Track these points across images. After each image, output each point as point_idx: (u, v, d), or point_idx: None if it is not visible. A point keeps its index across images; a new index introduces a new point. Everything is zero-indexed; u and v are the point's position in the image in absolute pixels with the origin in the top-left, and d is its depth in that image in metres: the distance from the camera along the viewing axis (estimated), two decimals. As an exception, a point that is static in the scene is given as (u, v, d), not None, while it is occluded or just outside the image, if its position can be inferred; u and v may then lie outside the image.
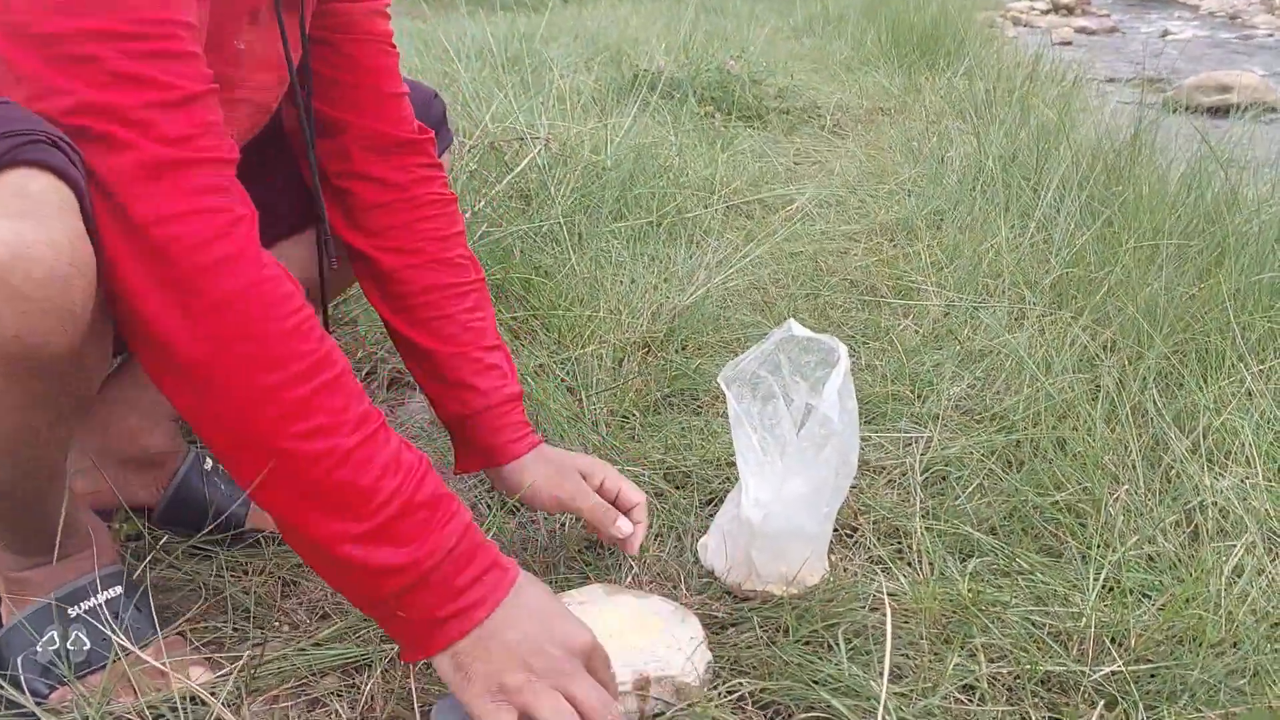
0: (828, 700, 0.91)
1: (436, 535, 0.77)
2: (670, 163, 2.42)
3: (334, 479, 0.73)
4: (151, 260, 0.70)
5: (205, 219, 0.72)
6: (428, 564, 0.76)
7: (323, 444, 0.73)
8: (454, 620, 0.77)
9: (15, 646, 0.88)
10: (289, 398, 0.72)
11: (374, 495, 0.74)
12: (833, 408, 0.95)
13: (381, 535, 0.75)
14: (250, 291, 0.72)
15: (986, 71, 3.95)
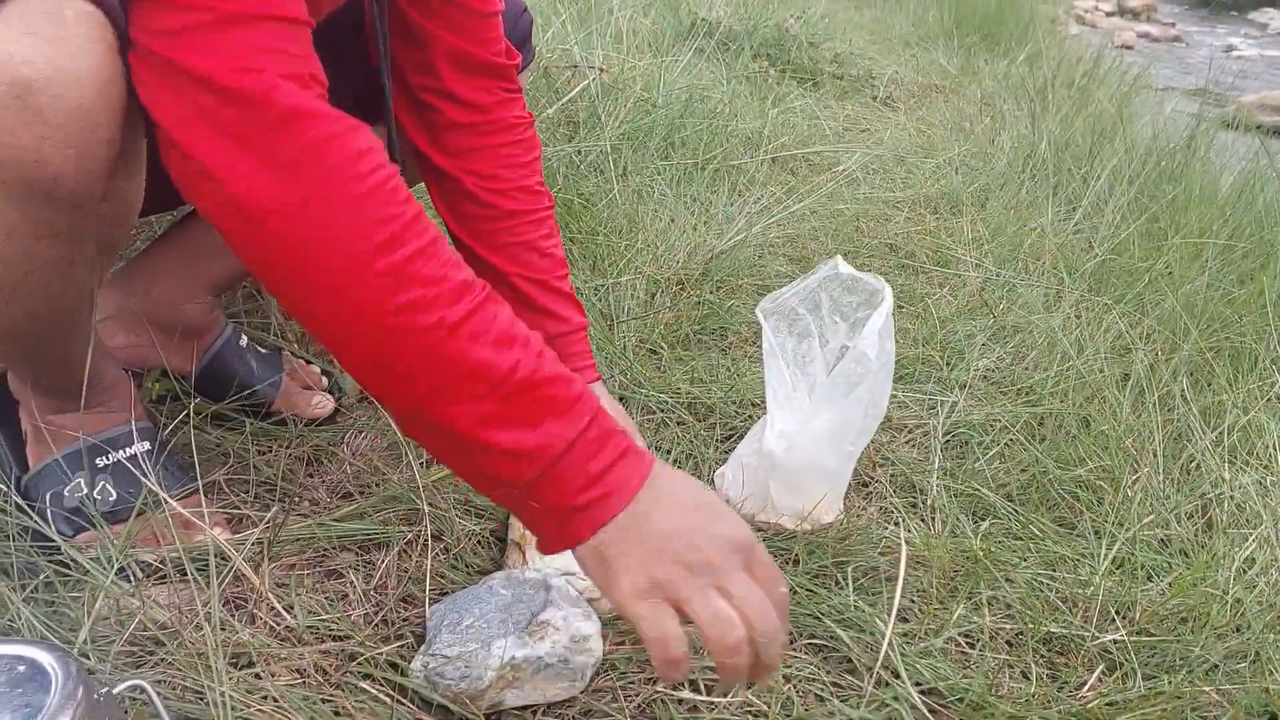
0: (832, 630, 0.92)
1: (566, 413, 0.68)
2: (720, 109, 2.40)
3: (445, 354, 0.66)
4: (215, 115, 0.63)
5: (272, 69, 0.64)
6: (560, 445, 0.68)
7: (426, 317, 0.65)
8: (593, 507, 0.68)
9: (43, 488, 0.90)
10: (381, 266, 0.64)
11: (492, 370, 0.67)
12: (872, 346, 0.95)
13: (507, 414, 0.67)
14: (326, 145, 0.64)
15: (1046, 61, 3.89)
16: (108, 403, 0.93)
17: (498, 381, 0.67)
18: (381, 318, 0.65)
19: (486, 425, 0.67)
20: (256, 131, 0.63)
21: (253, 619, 0.85)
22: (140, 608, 0.79)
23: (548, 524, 0.70)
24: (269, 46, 0.64)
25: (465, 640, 0.80)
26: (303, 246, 0.64)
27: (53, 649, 0.61)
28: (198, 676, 0.75)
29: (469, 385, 0.66)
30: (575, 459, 0.68)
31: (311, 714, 0.74)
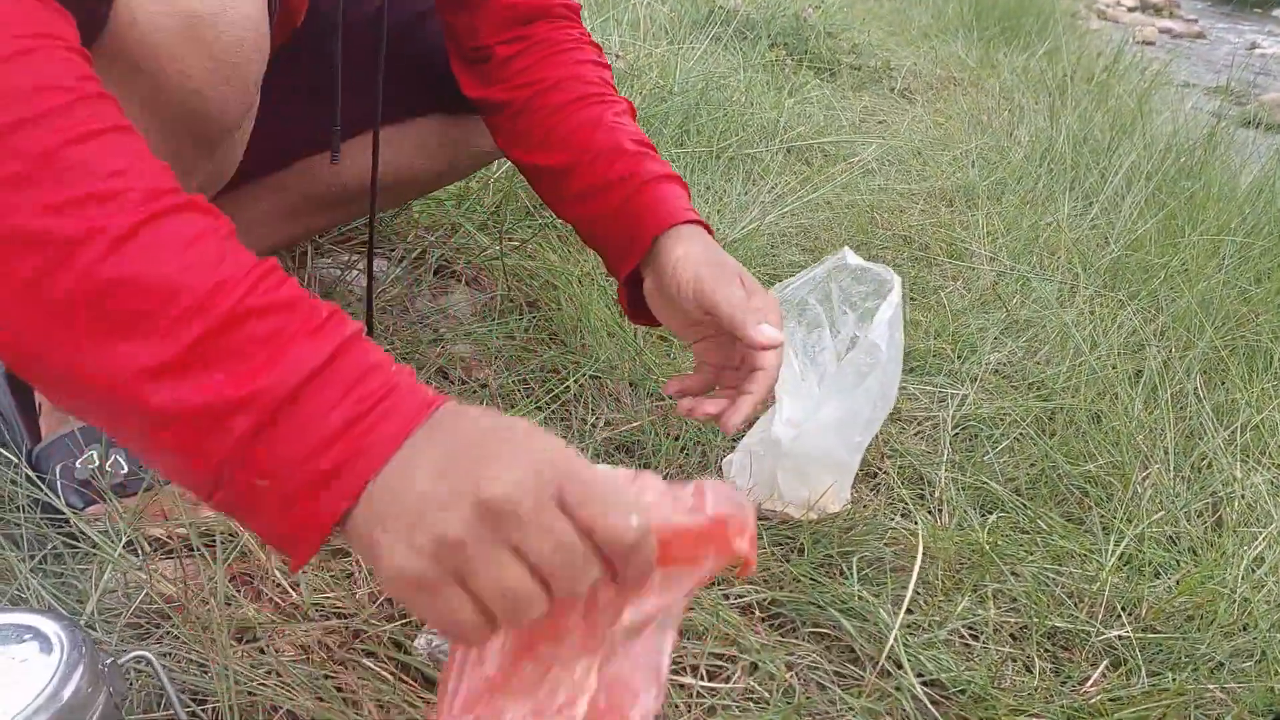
0: (836, 619, 0.92)
1: (295, 348, 0.48)
2: (736, 98, 2.39)
3: (106, 274, 0.46)
4: None
5: None
6: (282, 389, 0.47)
7: (81, 221, 0.46)
8: (343, 471, 0.48)
9: (55, 458, 0.91)
10: (24, 148, 0.46)
11: (177, 296, 0.47)
12: (882, 337, 0.95)
13: (198, 359, 0.47)
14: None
15: (1066, 56, 3.86)
16: None
17: (187, 311, 0.47)
18: (14, 217, 0.46)
19: (170, 378, 0.47)
20: None
21: (258, 595, 0.85)
22: (147, 581, 0.80)
23: (278, 516, 0.49)
24: None
25: (469, 620, 0.80)
26: None
27: (59, 618, 0.62)
28: (203, 650, 0.75)
29: (141, 322, 0.47)
30: (310, 405, 0.48)
31: (315, 690, 0.75)
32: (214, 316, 0.47)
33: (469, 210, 1.55)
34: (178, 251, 0.47)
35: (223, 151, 0.76)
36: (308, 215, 1.17)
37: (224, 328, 0.47)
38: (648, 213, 0.90)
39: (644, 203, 0.91)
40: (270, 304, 0.49)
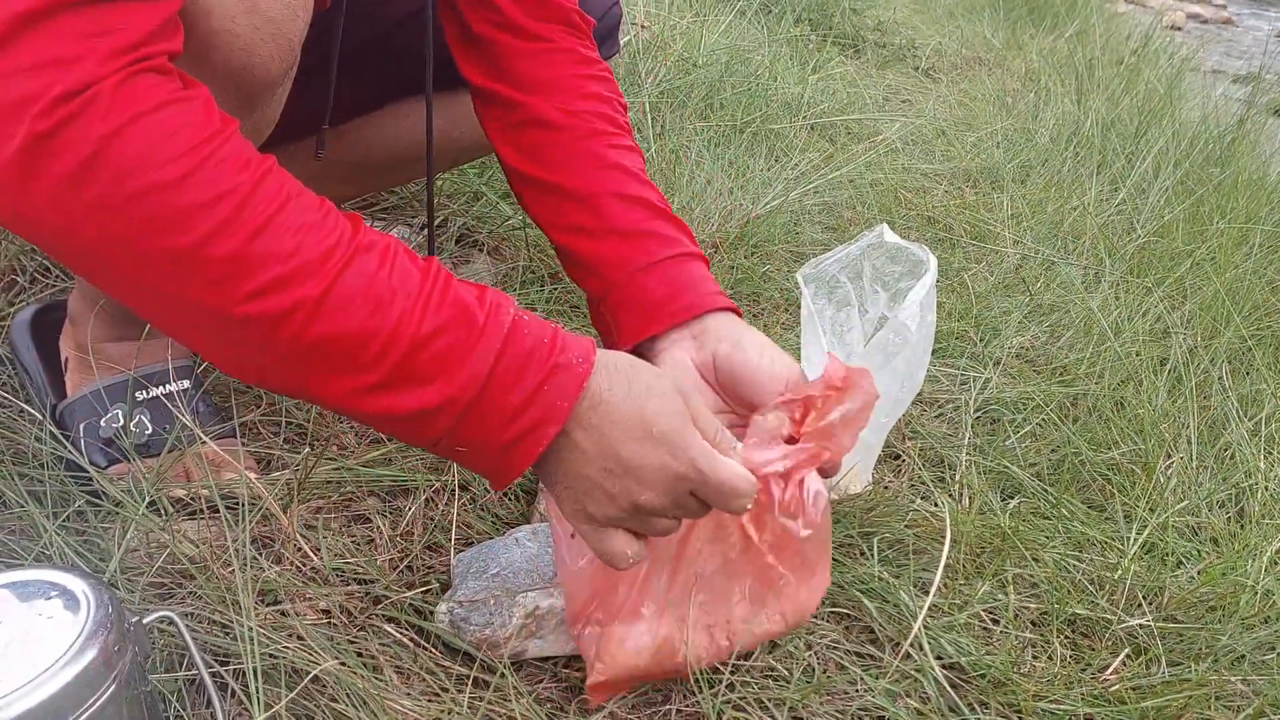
0: (857, 599, 0.91)
1: (469, 359, 0.62)
2: (760, 73, 2.37)
3: (312, 336, 0.59)
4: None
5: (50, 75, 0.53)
6: (469, 393, 0.62)
7: (281, 300, 0.57)
8: (524, 439, 0.64)
9: (79, 415, 0.91)
10: (217, 256, 0.56)
11: (371, 339, 0.60)
12: (913, 317, 0.94)
13: (399, 379, 0.61)
14: (121, 136, 0.53)
15: (1095, 39, 3.81)
16: (160, 338, 0.93)
17: (382, 348, 0.60)
18: (229, 309, 0.57)
19: (377, 393, 0.61)
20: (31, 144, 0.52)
21: (279, 559, 0.85)
22: (170, 541, 0.80)
23: (482, 465, 0.66)
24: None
25: (491, 587, 0.80)
26: (125, 254, 0.56)
27: (86, 576, 0.61)
28: (225, 611, 0.75)
29: (348, 362, 0.60)
30: (492, 396, 0.62)
31: (336, 653, 0.75)
32: (401, 348, 0.60)
33: (491, 179, 1.54)
34: (361, 302, 0.59)
35: (262, 110, 0.75)
36: (351, 179, 1.17)
37: (411, 353, 0.61)
38: (694, 284, 0.85)
39: (691, 272, 0.86)
40: (441, 324, 0.61)
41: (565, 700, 0.80)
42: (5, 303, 1.08)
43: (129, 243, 0.56)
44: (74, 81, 0.52)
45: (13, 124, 0.52)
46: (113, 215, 0.55)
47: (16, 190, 0.53)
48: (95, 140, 0.53)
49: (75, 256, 0.58)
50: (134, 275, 0.57)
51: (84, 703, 0.57)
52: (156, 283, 0.57)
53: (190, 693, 0.72)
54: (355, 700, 0.72)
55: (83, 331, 0.91)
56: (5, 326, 1.01)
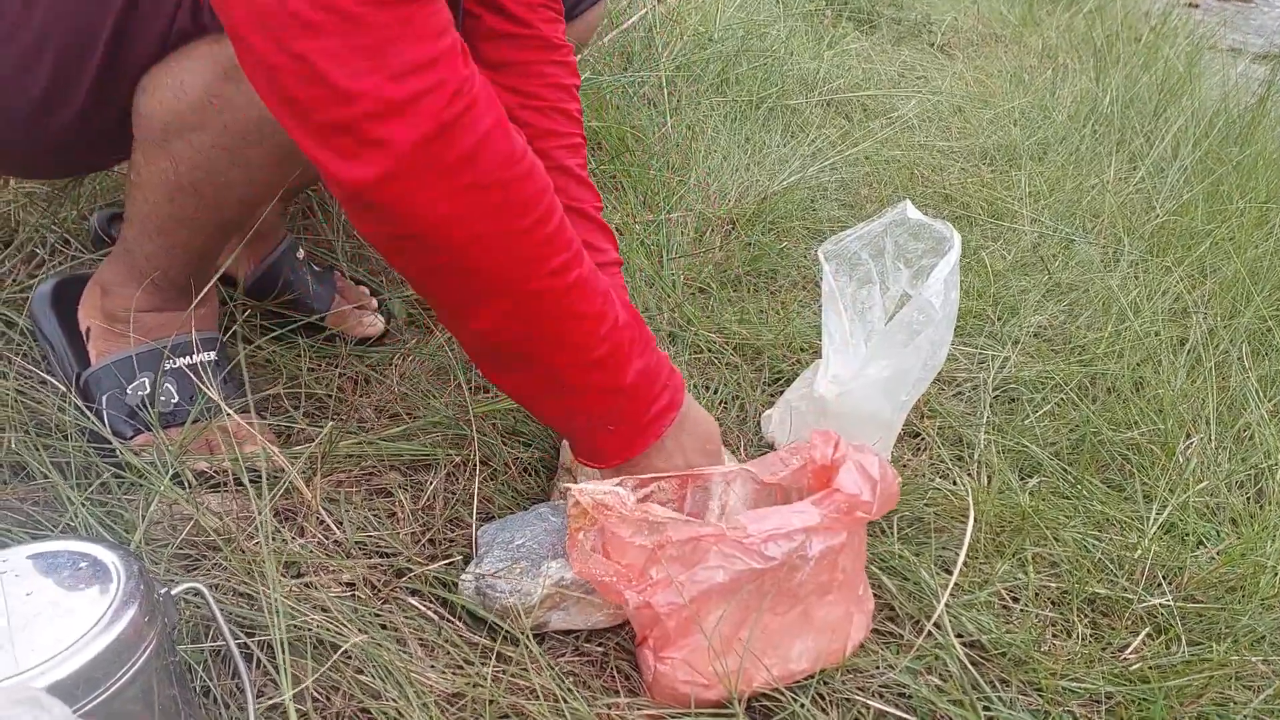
0: (877, 577, 0.91)
1: (639, 352, 0.80)
2: (776, 48, 2.35)
3: (579, 308, 0.74)
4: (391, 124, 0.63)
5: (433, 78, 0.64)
6: (635, 379, 0.80)
7: (569, 277, 0.73)
8: (658, 419, 0.83)
9: (103, 385, 0.90)
10: (539, 238, 0.70)
11: (602, 319, 0.76)
12: (937, 294, 0.93)
13: (608, 357, 0.77)
14: (489, 139, 0.66)
15: (1115, 14, 3.77)
16: (183, 308, 0.93)
17: (607, 330, 0.76)
18: (534, 282, 0.71)
19: (594, 368, 0.77)
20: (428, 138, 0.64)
21: (302, 531, 0.86)
22: (196, 514, 0.80)
23: (618, 439, 0.83)
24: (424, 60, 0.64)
25: (516, 558, 0.80)
26: (473, 230, 0.68)
27: (115, 548, 0.62)
28: (250, 583, 0.76)
29: (587, 333, 0.75)
30: (647, 384, 0.81)
31: (361, 625, 0.75)
32: (615, 334, 0.77)
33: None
34: (596, 290, 0.76)
35: None
36: None
37: (618, 334, 0.78)
38: None
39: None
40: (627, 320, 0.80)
41: (587, 675, 0.80)
42: (26, 275, 1.08)
43: (486, 222, 0.68)
44: (455, 83, 0.64)
45: (418, 115, 0.62)
46: (479, 199, 0.67)
47: (414, 175, 0.64)
48: (481, 133, 0.65)
49: (432, 233, 0.67)
50: (474, 253, 0.69)
51: (115, 673, 0.57)
52: (485, 260, 0.69)
53: (216, 663, 0.72)
54: (380, 672, 0.72)
55: (115, 300, 0.91)
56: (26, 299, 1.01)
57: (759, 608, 0.75)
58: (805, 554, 0.74)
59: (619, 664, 0.81)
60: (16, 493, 0.82)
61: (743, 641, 0.75)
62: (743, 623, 0.75)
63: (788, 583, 0.75)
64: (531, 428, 1.02)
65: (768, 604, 0.75)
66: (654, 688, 0.77)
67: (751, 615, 0.75)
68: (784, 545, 0.73)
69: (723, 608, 0.74)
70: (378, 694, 0.71)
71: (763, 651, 0.76)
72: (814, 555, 0.74)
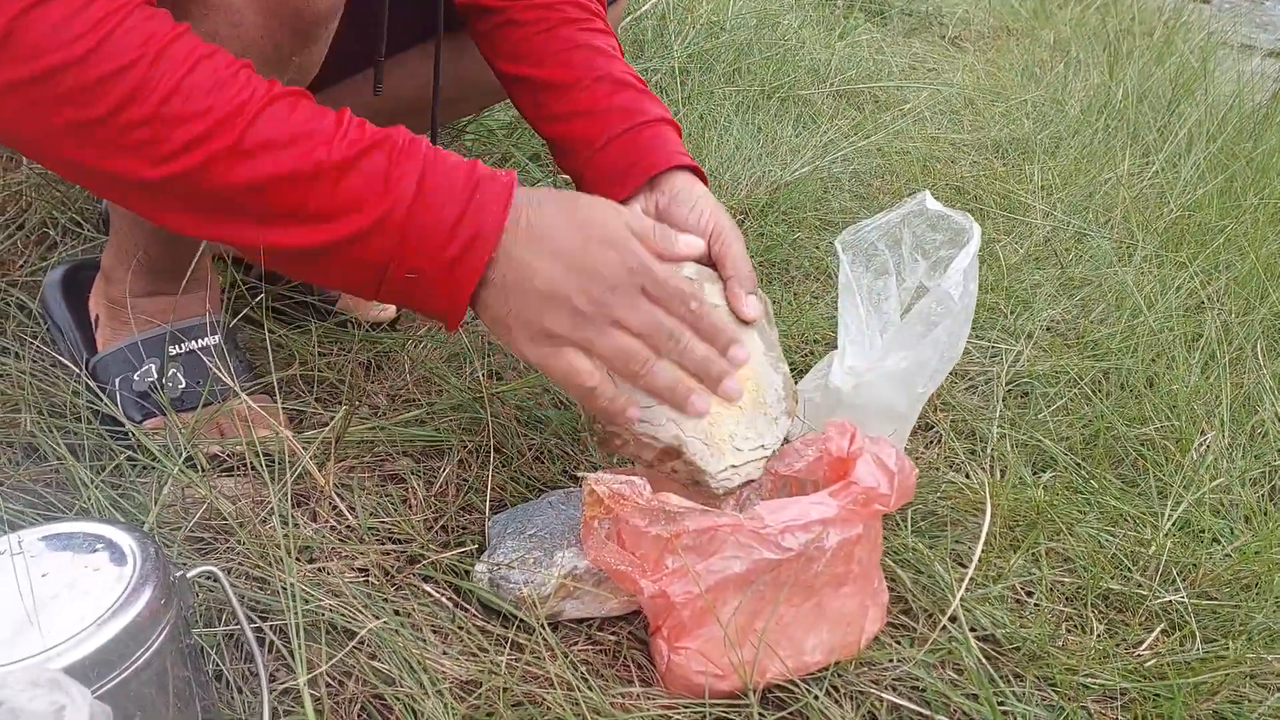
0: (893, 570, 0.91)
1: (396, 176, 0.64)
2: (788, 38, 2.34)
3: (236, 181, 0.61)
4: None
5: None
6: (400, 209, 0.64)
7: (195, 155, 0.60)
8: (467, 253, 0.65)
9: (113, 370, 0.90)
10: (131, 122, 0.59)
11: (295, 175, 0.62)
12: (956, 286, 0.93)
13: (331, 209, 0.63)
14: (28, 16, 0.56)
15: (1124, 9, 3.75)
16: (193, 293, 0.93)
17: (308, 180, 0.62)
18: (147, 173, 0.60)
19: (315, 227, 0.63)
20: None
21: (315, 516, 0.85)
22: (210, 496, 0.80)
23: (435, 294, 0.67)
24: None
25: (529, 547, 0.80)
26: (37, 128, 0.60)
27: (131, 529, 0.61)
28: (263, 567, 0.75)
29: (279, 202, 0.62)
30: (424, 211, 0.64)
31: (375, 611, 0.75)
32: (328, 178, 0.62)
33: (519, 140, 1.52)
34: (280, 145, 0.61)
35: (311, 47, 0.76)
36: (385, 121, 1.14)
37: (338, 178, 0.62)
38: (653, 148, 0.90)
39: (649, 137, 0.91)
40: (363, 150, 0.63)
41: (600, 664, 0.80)
42: (38, 258, 1.07)
43: (43, 120, 0.58)
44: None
45: None
46: (24, 94, 0.57)
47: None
48: (3, 24, 0.55)
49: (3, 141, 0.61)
50: (53, 151, 0.60)
51: (131, 655, 0.57)
52: (75, 156, 0.60)
53: (229, 647, 0.72)
54: (395, 659, 0.72)
55: (117, 287, 0.91)
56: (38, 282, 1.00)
57: (775, 599, 0.74)
58: (822, 545, 0.74)
59: (632, 653, 0.81)
60: (30, 474, 0.82)
61: (757, 633, 0.75)
62: (758, 614, 0.74)
63: (804, 574, 0.74)
64: (545, 413, 1.02)
65: (783, 596, 0.74)
66: (668, 677, 0.77)
67: (767, 607, 0.74)
68: (801, 536, 0.73)
69: (739, 598, 0.74)
70: (392, 680, 0.71)
71: (777, 643, 0.76)
72: (830, 547, 0.74)
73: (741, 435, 0.80)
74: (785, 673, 0.77)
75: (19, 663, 0.53)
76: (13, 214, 1.13)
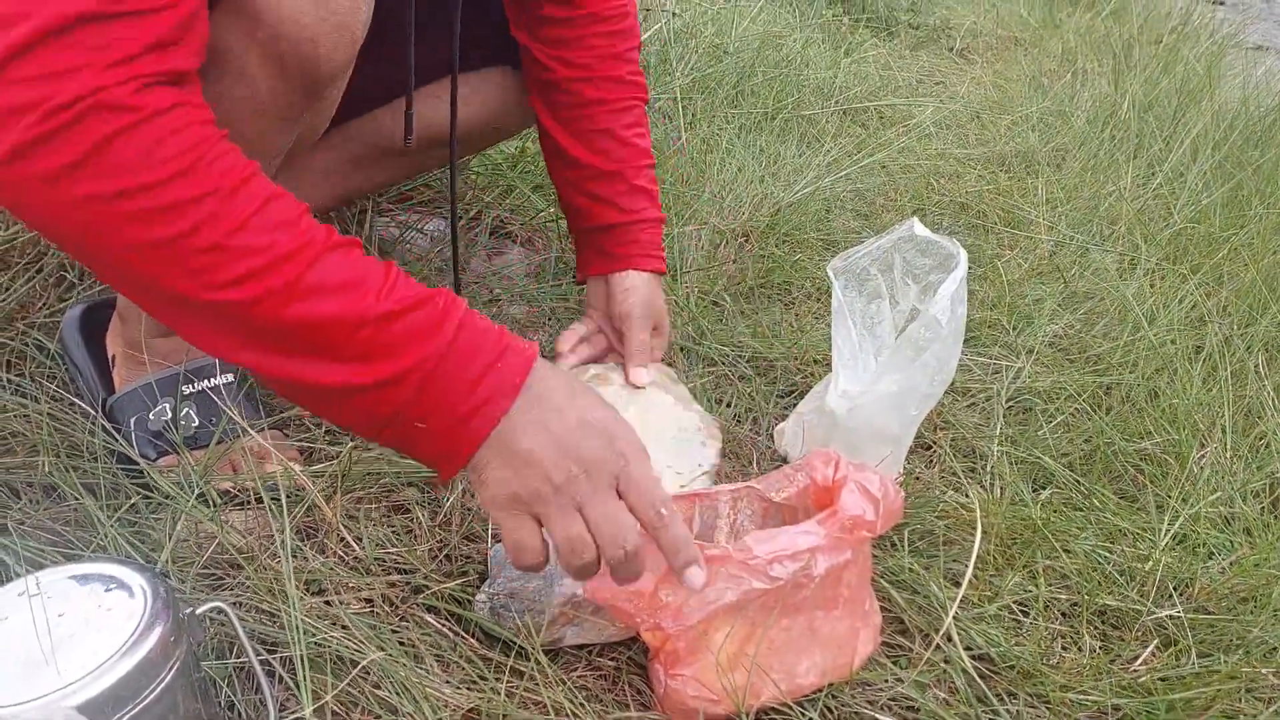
0: (887, 592, 0.93)
1: (433, 330, 0.67)
2: (792, 58, 2.36)
3: (286, 319, 0.64)
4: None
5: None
6: (431, 362, 0.67)
7: (254, 288, 0.63)
8: (479, 413, 0.68)
9: (129, 410, 0.94)
10: (199, 248, 0.62)
11: (344, 319, 0.65)
12: (943, 311, 0.95)
13: (369, 353, 0.66)
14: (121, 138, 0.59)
15: (1133, 16, 3.75)
16: None
17: (354, 326, 0.65)
18: (204, 295, 0.63)
19: (353, 366, 0.65)
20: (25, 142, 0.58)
21: (323, 548, 0.88)
22: (219, 532, 0.83)
23: (439, 444, 0.69)
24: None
25: (529, 576, 0.82)
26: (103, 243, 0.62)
27: (143, 569, 0.64)
28: (272, 600, 0.78)
29: (326, 340, 0.65)
30: (451, 369, 0.67)
31: (380, 642, 0.77)
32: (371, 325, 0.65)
33: (524, 172, 1.55)
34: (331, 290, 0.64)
35: (322, 102, 0.79)
36: (371, 166, 1.19)
37: (382, 326, 0.65)
38: (632, 249, 1.13)
39: (629, 237, 1.13)
40: (408, 305, 0.66)
41: (600, 689, 0.82)
42: (56, 298, 1.11)
43: (112, 234, 0.61)
44: (70, 94, 0.57)
45: (6, 129, 0.57)
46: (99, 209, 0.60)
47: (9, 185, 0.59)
48: (91, 144, 0.58)
49: (63, 245, 0.64)
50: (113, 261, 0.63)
51: (143, 690, 0.60)
52: (135, 269, 0.63)
53: (240, 679, 0.75)
54: (397, 688, 0.74)
55: (132, 328, 0.94)
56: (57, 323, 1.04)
57: (765, 623, 0.76)
58: (810, 573, 0.76)
59: (631, 678, 0.83)
60: (50, 513, 0.85)
61: (750, 657, 0.77)
62: (749, 638, 0.77)
63: (792, 599, 0.76)
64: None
65: (773, 619, 0.76)
66: (665, 702, 0.79)
67: (758, 631, 0.76)
68: (790, 566, 0.75)
69: (730, 625, 0.76)
70: (395, 709, 0.73)
71: (770, 667, 0.78)
72: (819, 574, 0.76)
73: (678, 465, 0.94)
74: (779, 696, 0.79)
75: (36, 700, 0.56)
76: (32, 256, 1.17)
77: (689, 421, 1.04)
